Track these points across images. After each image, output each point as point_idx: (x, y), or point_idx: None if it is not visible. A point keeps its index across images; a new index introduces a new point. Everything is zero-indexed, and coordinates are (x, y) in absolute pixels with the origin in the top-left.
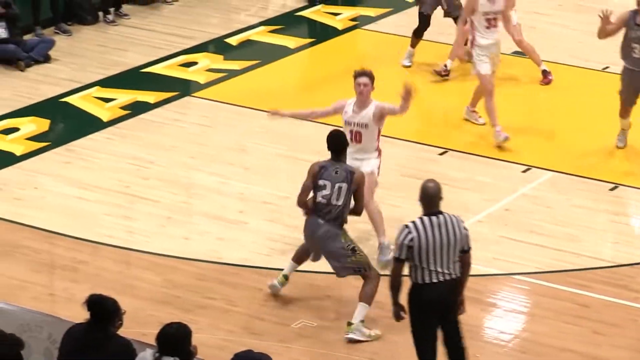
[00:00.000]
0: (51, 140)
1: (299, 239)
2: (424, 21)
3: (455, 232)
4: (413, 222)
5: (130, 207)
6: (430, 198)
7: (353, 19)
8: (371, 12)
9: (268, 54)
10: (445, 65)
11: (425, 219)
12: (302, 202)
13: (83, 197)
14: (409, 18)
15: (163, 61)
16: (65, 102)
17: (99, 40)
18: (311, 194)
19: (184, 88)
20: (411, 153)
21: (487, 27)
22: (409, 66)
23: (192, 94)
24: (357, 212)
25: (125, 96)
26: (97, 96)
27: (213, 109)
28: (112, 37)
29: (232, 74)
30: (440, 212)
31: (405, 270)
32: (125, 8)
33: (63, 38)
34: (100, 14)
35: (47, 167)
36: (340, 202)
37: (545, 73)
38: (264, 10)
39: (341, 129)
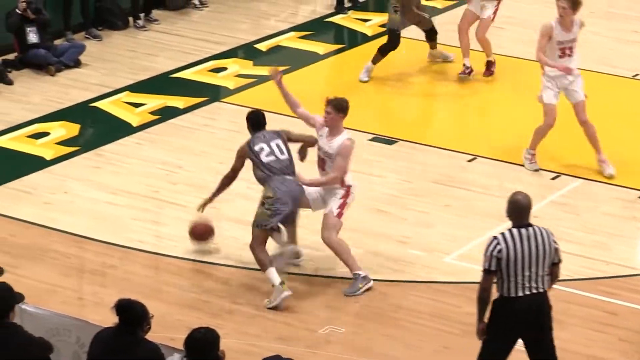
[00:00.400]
0: (81, 144)
1: (321, 242)
2: (395, 39)
3: (545, 245)
4: (502, 233)
5: (159, 212)
6: (520, 210)
7: (382, 25)
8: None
9: (297, 60)
10: (464, 65)
11: (515, 231)
12: (222, 184)
13: (112, 201)
14: (439, 26)
15: (192, 66)
16: (95, 107)
17: (129, 46)
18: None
19: (214, 93)
20: (440, 160)
21: (561, 57)
22: (367, 81)
23: (222, 100)
24: (311, 144)
25: (155, 101)
26: (127, 101)
27: (242, 115)
28: (142, 42)
29: (261, 79)
30: (530, 225)
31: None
32: (155, 13)
33: (93, 43)
34: (131, 19)
35: (76, 171)
36: (285, 155)
37: (489, 64)
38: (293, 16)
39: (259, 110)
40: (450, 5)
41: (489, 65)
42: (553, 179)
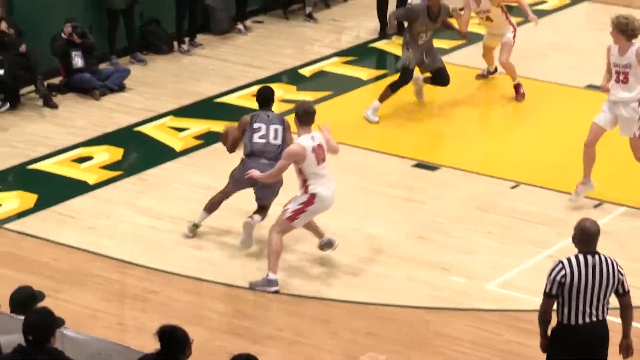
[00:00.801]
0: (124, 169)
1: (366, 269)
2: (406, 75)
3: (609, 274)
4: (568, 258)
5: (201, 237)
6: (587, 237)
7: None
8: (444, 44)
9: (341, 85)
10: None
11: (581, 257)
12: (228, 147)
13: (155, 226)
14: (481, 49)
15: (236, 91)
16: (139, 132)
17: (174, 70)
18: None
19: None
20: (483, 186)
21: (616, 82)
22: (377, 122)
23: None
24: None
25: (199, 126)
26: (171, 126)
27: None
28: (187, 67)
29: None
30: (597, 253)
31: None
32: (200, 38)
33: (138, 67)
34: (175, 43)
35: (120, 196)
36: (278, 142)
37: (517, 87)
38: (337, 42)
39: (269, 87)
40: (456, 45)
41: (517, 88)
42: (596, 206)
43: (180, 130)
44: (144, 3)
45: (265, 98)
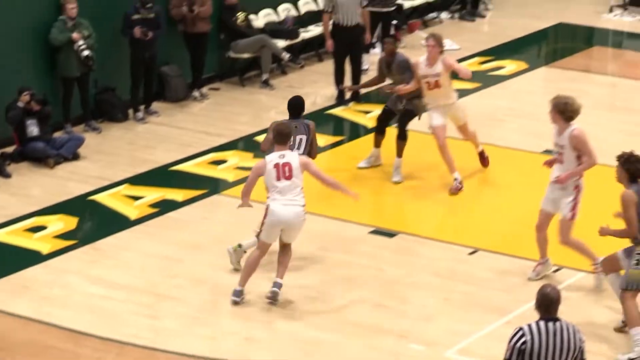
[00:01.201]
0: (78, 238)
1: (324, 338)
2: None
3: (570, 341)
4: (529, 325)
5: (156, 306)
6: (549, 303)
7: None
8: None
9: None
10: (455, 179)
11: (542, 323)
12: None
13: (110, 296)
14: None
15: (192, 159)
16: (94, 200)
17: (129, 138)
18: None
19: (213, 186)
20: (441, 253)
21: (556, 161)
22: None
23: (221, 192)
24: (311, 156)
25: (154, 194)
26: (126, 194)
27: (242, 208)
28: (142, 135)
29: None
30: (558, 319)
31: None
32: (155, 106)
33: (93, 135)
34: (130, 111)
35: (73, 265)
36: (300, 150)
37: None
38: None
39: (300, 96)
40: None
41: (482, 155)
42: (555, 271)
43: (136, 198)
44: (98, 71)
45: (294, 108)
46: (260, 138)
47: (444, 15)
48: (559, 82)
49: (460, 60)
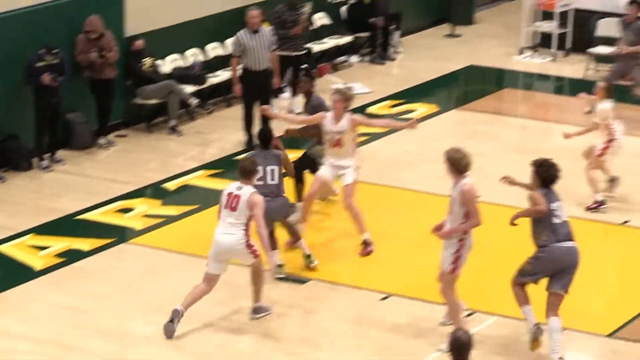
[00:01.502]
0: None
1: None
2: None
3: None
4: None
5: (63, 358)
6: (460, 347)
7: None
8: None
9: (207, 199)
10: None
11: None
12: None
13: (14, 347)
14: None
15: (99, 207)
16: None
17: (33, 187)
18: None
19: (120, 235)
20: (351, 298)
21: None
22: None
23: (128, 241)
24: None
25: (60, 244)
26: (31, 244)
27: (150, 256)
28: (47, 183)
29: (170, 219)
30: None
31: None
32: (61, 153)
33: None
34: (35, 159)
35: None
36: (275, 181)
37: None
38: (202, 154)
39: (267, 128)
40: None
41: (366, 245)
42: (468, 315)
43: (41, 248)
44: (1, 119)
45: (263, 139)
46: (169, 185)
47: (354, 58)
48: (470, 124)
49: (371, 104)
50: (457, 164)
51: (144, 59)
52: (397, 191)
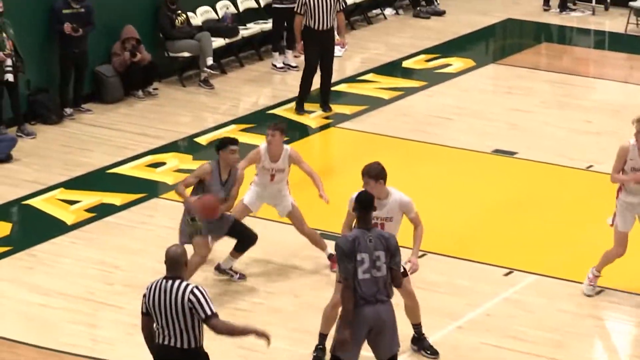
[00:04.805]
0: (13, 244)
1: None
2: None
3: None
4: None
5: (94, 314)
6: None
7: (327, 117)
8: (346, 109)
9: (239, 154)
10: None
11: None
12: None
13: (46, 304)
14: (385, 115)
15: (130, 161)
16: (28, 205)
17: (63, 140)
18: None
19: (152, 190)
20: None
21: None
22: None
23: (160, 196)
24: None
25: (91, 198)
26: (61, 198)
27: (181, 212)
28: (77, 137)
29: None
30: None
31: None
32: (91, 106)
33: (26, 139)
34: (66, 111)
35: (8, 272)
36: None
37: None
38: (234, 109)
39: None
40: None
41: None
42: (506, 275)
43: (72, 203)
44: (31, 71)
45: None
46: (200, 139)
47: (388, 11)
48: (507, 79)
49: (406, 58)
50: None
51: (177, 13)
52: (433, 148)
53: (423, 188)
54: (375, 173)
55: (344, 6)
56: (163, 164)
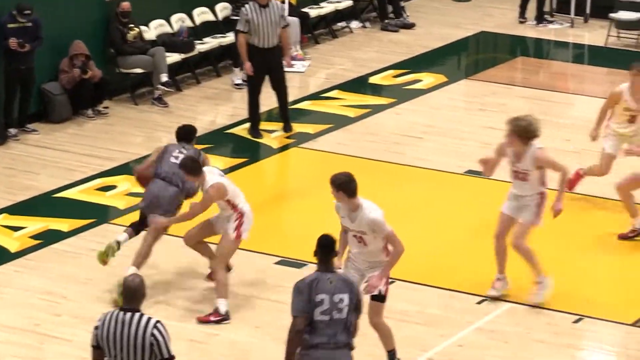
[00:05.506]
0: None
1: None
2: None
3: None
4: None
5: (40, 348)
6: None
7: (289, 137)
8: (310, 128)
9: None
10: None
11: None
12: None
13: None
14: (351, 134)
15: (78, 185)
16: None
17: (7, 162)
18: None
19: (102, 215)
20: None
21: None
22: None
23: (111, 221)
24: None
25: (36, 224)
26: (4, 224)
27: (133, 238)
28: (22, 159)
29: None
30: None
31: None
32: (37, 127)
33: None
34: (10, 131)
35: None
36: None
37: None
38: None
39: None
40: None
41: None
42: (479, 303)
43: (16, 229)
44: None
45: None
46: None
47: (354, 24)
48: (481, 96)
49: (373, 74)
50: (527, 131)
51: (130, 26)
52: (401, 169)
53: (391, 211)
54: (338, 183)
55: (288, 23)
56: (114, 187)
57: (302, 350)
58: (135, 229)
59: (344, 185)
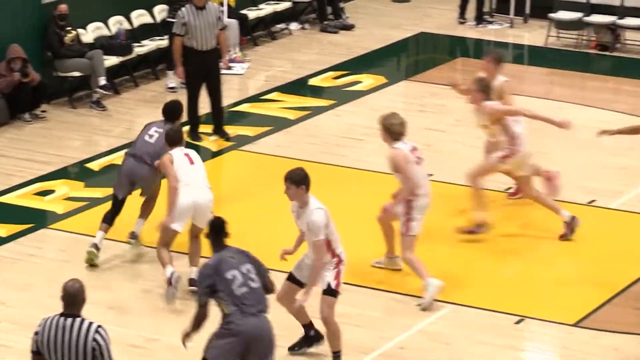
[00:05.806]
0: None
1: None
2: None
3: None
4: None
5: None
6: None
7: (229, 139)
8: (249, 131)
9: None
10: None
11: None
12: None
13: None
14: (291, 136)
15: (16, 190)
16: None
17: None
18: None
19: (40, 219)
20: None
21: None
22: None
23: (49, 226)
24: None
25: None
26: None
27: (72, 242)
28: None
29: (93, 202)
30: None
31: None
32: None
33: None
34: None
35: None
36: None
37: None
38: (129, 132)
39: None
40: None
41: None
42: (419, 304)
43: None
44: None
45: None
46: (92, 165)
47: (294, 26)
48: (420, 97)
49: (313, 75)
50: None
51: (67, 29)
52: (341, 170)
53: (333, 214)
54: (298, 178)
55: (226, 25)
56: (52, 191)
57: (236, 321)
58: (109, 221)
59: (306, 180)
